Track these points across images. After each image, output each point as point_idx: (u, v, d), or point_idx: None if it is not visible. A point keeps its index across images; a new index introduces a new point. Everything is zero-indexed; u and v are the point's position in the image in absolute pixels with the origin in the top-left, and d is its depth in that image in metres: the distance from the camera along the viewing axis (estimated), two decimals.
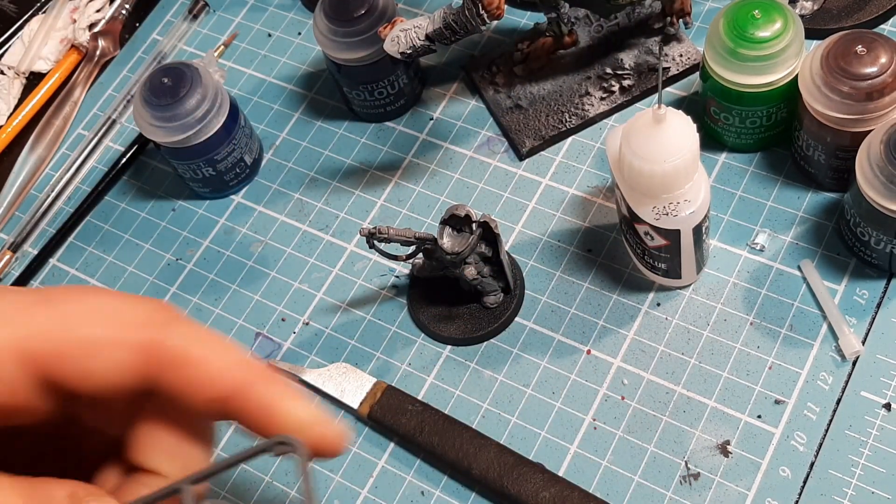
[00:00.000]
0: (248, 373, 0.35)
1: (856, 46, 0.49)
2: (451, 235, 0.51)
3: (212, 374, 0.34)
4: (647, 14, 0.62)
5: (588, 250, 0.57)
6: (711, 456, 0.49)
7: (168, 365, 0.34)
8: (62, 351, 0.33)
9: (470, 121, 0.63)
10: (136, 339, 0.33)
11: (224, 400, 0.34)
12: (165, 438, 0.35)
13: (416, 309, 0.56)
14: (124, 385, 0.34)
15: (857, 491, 0.47)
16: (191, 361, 0.34)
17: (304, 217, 0.62)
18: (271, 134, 0.66)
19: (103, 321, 0.34)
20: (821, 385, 0.50)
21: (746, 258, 0.54)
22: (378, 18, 0.58)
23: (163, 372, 0.34)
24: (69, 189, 0.67)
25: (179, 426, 0.35)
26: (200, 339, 0.34)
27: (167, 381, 0.34)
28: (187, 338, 0.34)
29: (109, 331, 0.33)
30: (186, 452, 0.35)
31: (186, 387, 0.34)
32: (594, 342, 0.54)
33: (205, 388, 0.34)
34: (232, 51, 0.71)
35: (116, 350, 0.33)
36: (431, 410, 0.52)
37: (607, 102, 0.61)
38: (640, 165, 0.45)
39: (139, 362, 0.34)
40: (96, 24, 0.75)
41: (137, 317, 0.34)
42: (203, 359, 0.34)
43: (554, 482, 0.49)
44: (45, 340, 0.33)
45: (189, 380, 0.34)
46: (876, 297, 0.52)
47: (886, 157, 0.46)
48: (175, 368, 0.34)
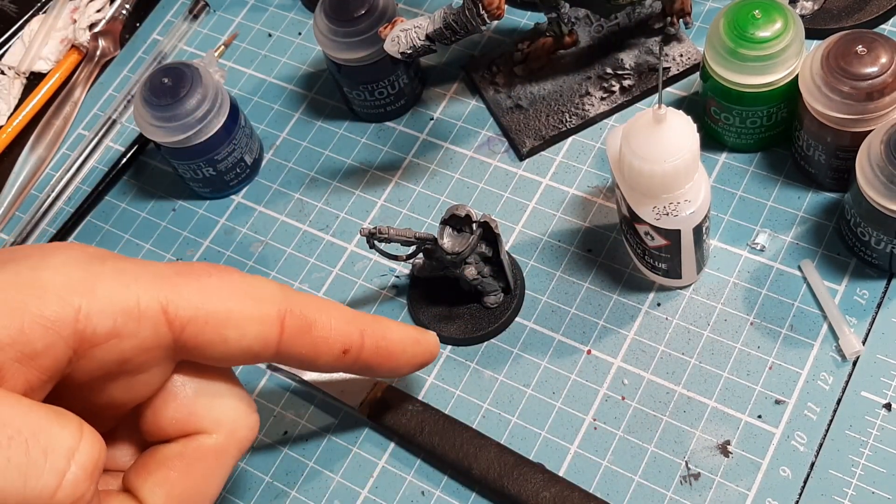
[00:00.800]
0: (359, 324, 0.42)
1: (856, 46, 0.49)
2: (451, 235, 0.51)
3: (332, 333, 0.41)
4: (647, 14, 0.62)
5: (588, 250, 0.57)
6: (712, 456, 0.49)
7: (296, 332, 0.39)
8: (203, 319, 0.37)
9: (470, 121, 0.63)
10: (269, 313, 0.39)
11: (344, 352, 0.41)
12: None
13: (416, 309, 0.56)
14: (252, 352, 0.39)
15: (858, 491, 0.47)
16: (315, 325, 0.40)
17: (304, 217, 0.62)
18: (271, 134, 0.66)
19: (241, 296, 0.39)
20: (821, 385, 0.50)
21: (747, 258, 0.54)
22: (378, 18, 0.58)
23: (291, 339, 0.39)
24: (69, 189, 0.67)
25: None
26: (319, 307, 0.41)
27: (296, 347, 0.40)
28: (308, 306, 0.40)
29: (245, 304, 0.38)
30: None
31: (312, 348, 0.40)
32: (594, 342, 0.54)
33: (329, 345, 0.40)
34: (232, 51, 0.71)
35: (254, 323, 0.38)
36: (431, 410, 0.52)
37: (607, 102, 0.61)
38: (640, 165, 0.45)
39: (273, 333, 0.39)
40: (96, 24, 0.75)
41: (266, 293, 0.39)
42: (324, 322, 0.40)
43: (554, 482, 0.49)
44: (189, 306, 0.37)
45: (315, 341, 0.40)
46: (876, 297, 0.52)
47: (887, 157, 0.46)
48: (302, 334, 0.40)
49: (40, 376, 0.34)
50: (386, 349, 0.43)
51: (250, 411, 0.41)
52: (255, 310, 0.38)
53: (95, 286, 0.35)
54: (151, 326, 0.36)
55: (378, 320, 0.44)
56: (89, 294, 0.35)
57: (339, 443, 0.54)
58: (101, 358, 0.36)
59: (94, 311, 0.35)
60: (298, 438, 0.54)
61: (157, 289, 0.37)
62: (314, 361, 0.41)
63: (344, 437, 0.54)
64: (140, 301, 0.36)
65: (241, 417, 0.40)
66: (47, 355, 0.34)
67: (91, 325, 0.35)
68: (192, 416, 0.39)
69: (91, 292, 0.35)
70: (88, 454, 0.33)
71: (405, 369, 0.46)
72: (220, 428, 0.39)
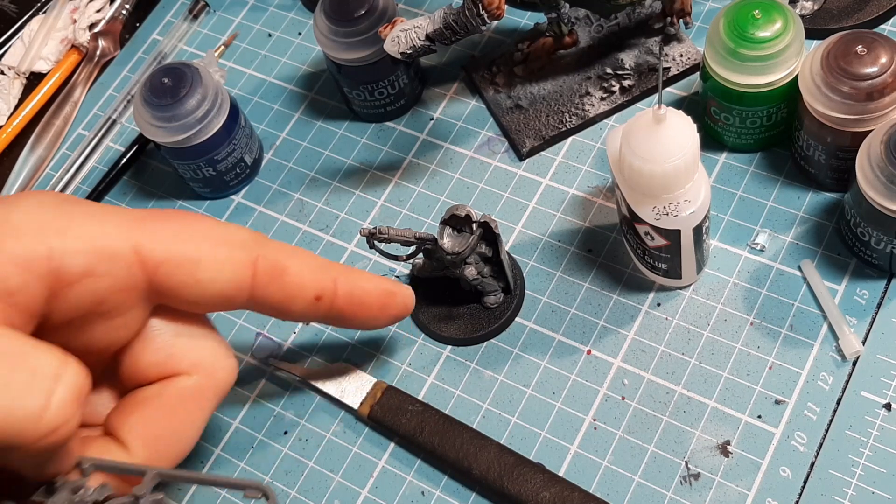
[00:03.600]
0: (332, 271, 0.42)
1: (856, 46, 0.49)
2: (451, 235, 0.51)
3: (304, 280, 0.41)
4: (647, 14, 0.62)
5: (588, 250, 0.57)
6: (712, 456, 0.49)
7: (268, 277, 0.40)
8: (175, 261, 0.38)
9: (470, 121, 0.63)
10: (241, 257, 0.39)
11: (317, 299, 0.41)
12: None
13: (416, 309, 0.56)
14: (225, 295, 0.39)
15: (858, 491, 0.47)
16: (287, 271, 0.40)
17: (304, 217, 0.62)
18: (271, 134, 0.66)
19: (214, 240, 0.39)
20: (821, 385, 0.50)
21: (747, 258, 0.54)
22: (378, 18, 0.58)
23: (264, 284, 0.39)
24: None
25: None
26: (292, 253, 0.41)
27: (269, 291, 0.40)
28: (281, 252, 0.40)
29: (218, 248, 0.39)
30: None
31: (285, 294, 0.40)
32: (594, 342, 0.54)
33: (301, 291, 0.41)
34: (232, 51, 0.71)
35: (226, 265, 0.38)
36: (432, 410, 0.52)
37: (607, 102, 0.61)
38: (640, 165, 0.45)
39: (246, 276, 0.39)
40: (96, 24, 0.75)
41: (239, 238, 0.40)
42: (297, 268, 0.40)
43: (554, 482, 0.49)
44: (161, 249, 0.37)
45: (287, 287, 0.40)
46: (876, 297, 0.52)
47: (887, 157, 0.46)
48: (274, 279, 0.40)
49: (19, 315, 0.34)
50: (359, 298, 0.43)
51: (228, 354, 0.41)
52: (227, 253, 0.39)
53: (68, 227, 0.36)
54: (125, 267, 0.36)
55: (351, 270, 0.44)
56: (62, 234, 0.36)
57: (339, 443, 0.54)
58: (77, 298, 0.36)
59: (67, 251, 0.35)
60: (298, 438, 0.54)
61: (130, 230, 0.37)
62: (288, 307, 0.41)
63: (344, 437, 0.54)
64: (113, 241, 0.36)
65: (218, 360, 0.40)
66: (23, 293, 0.34)
67: (64, 264, 0.35)
68: (170, 359, 0.39)
69: (64, 233, 0.36)
70: (73, 378, 0.33)
71: (379, 320, 0.46)
72: (198, 369, 0.40)
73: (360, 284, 0.43)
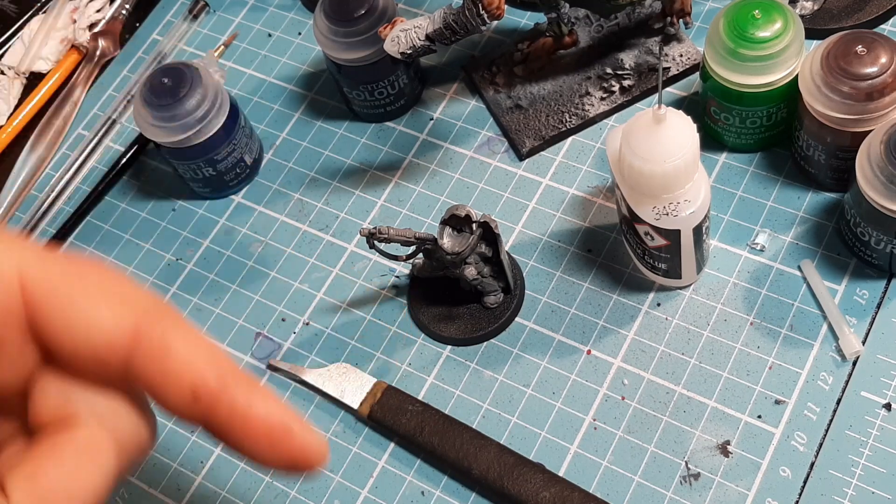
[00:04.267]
0: (224, 375, 0.35)
1: (856, 46, 0.49)
2: (451, 235, 0.51)
3: (185, 367, 0.35)
4: (647, 14, 0.62)
5: (588, 250, 0.57)
6: (711, 456, 0.49)
7: (148, 350, 0.35)
8: (58, 302, 0.34)
9: (470, 121, 0.63)
10: (127, 319, 0.35)
11: (193, 396, 0.35)
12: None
13: (416, 309, 0.56)
14: (99, 352, 0.35)
15: (858, 491, 0.47)
16: (169, 353, 0.35)
17: (304, 217, 0.62)
18: (271, 134, 0.66)
19: (103, 292, 0.35)
20: (821, 385, 0.50)
21: (746, 258, 0.54)
22: (378, 19, 0.58)
23: (143, 357, 0.35)
24: (69, 189, 0.67)
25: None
26: (183, 335, 0.35)
27: (144, 367, 0.35)
28: (173, 330, 0.35)
29: (106, 301, 0.35)
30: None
31: (160, 378, 0.35)
32: (594, 342, 0.54)
33: (177, 379, 0.35)
34: (232, 51, 0.71)
35: (108, 318, 0.34)
36: (431, 410, 0.52)
37: (607, 102, 0.61)
38: (640, 165, 0.45)
39: (124, 338, 0.34)
40: (96, 24, 0.75)
41: (136, 300, 0.35)
42: (181, 352, 0.35)
43: (554, 482, 0.49)
44: (48, 282, 0.34)
45: (164, 370, 0.35)
46: (876, 297, 0.52)
47: (887, 157, 0.46)
48: (154, 357, 0.35)
49: None
50: (243, 419, 0.35)
51: (138, 411, 0.36)
52: (112, 310, 0.35)
53: None
54: (3, 289, 0.34)
55: (248, 382, 0.36)
56: None
57: (339, 443, 0.54)
58: None
59: None
60: None
61: (22, 257, 0.34)
62: (163, 394, 0.35)
63: (344, 437, 0.54)
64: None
65: (122, 414, 0.36)
66: None
67: None
68: (67, 404, 0.35)
69: None
70: None
71: (268, 457, 0.36)
72: (99, 423, 0.35)
73: (251, 401, 0.35)
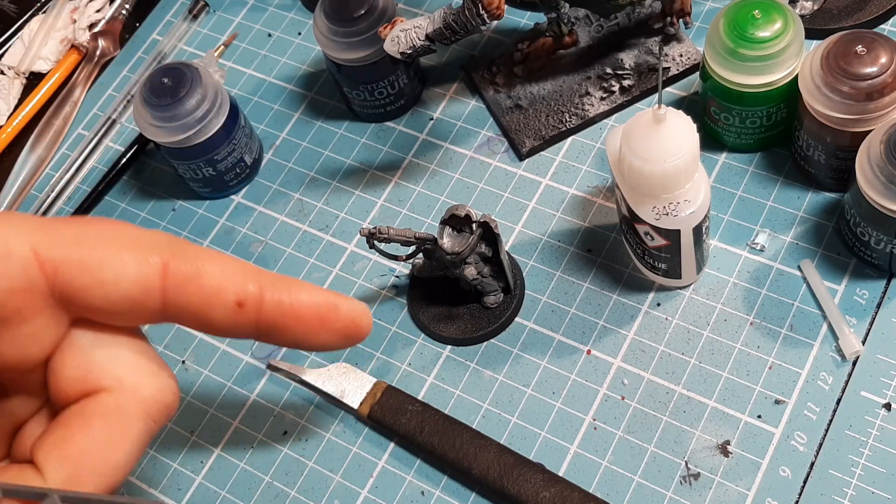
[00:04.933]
0: (255, 276, 0.37)
1: (856, 46, 0.49)
2: (451, 235, 0.51)
3: (223, 282, 0.36)
4: (647, 14, 0.62)
5: (588, 250, 0.57)
6: (711, 456, 0.49)
7: (182, 279, 0.36)
8: (76, 260, 0.35)
9: (470, 121, 0.63)
10: (151, 257, 0.36)
11: (239, 305, 0.37)
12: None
13: (416, 309, 0.56)
14: (132, 298, 0.35)
15: (858, 491, 0.47)
16: (203, 274, 0.36)
17: (304, 217, 0.62)
18: (271, 134, 0.66)
19: (119, 240, 0.36)
20: (821, 385, 0.50)
21: (746, 258, 0.54)
22: (378, 18, 0.58)
23: (178, 286, 0.36)
24: (69, 189, 0.67)
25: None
26: (210, 256, 0.37)
27: (183, 296, 0.36)
28: (198, 255, 0.37)
29: (125, 248, 0.36)
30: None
31: (202, 298, 0.36)
32: (594, 342, 0.54)
33: (220, 295, 0.36)
34: (232, 51, 0.71)
35: (131, 264, 0.35)
36: (431, 410, 0.52)
37: (607, 102, 0.61)
38: (640, 165, 0.45)
39: (155, 276, 0.35)
40: (96, 24, 0.75)
41: (151, 240, 0.36)
42: (213, 270, 0.36)
43: (554, 482, 0.49)
44: (62, 249, 0.35)
45: (204, 290, 0.36)
46: (876, 297, 0.52)
47: (886, 157, 0.46)
48: (189, 282, 0.36)
49: None
50: (291, 309, 0.38)
51: (160, 372, 0.37)
52: (134, 253, 0.35)
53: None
54: (21, 267, 0.34)
55: (282, 278, 0.38)
56: None
57: (339, 443, 0.54)
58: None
59: None
60: (298, 438, 0.54)
61: (30, 232, 0.35)
62: (208, 315, 0.37)
63: (344, 437, 0.54)
64: (9, 240, 0.34)
65: (145, 376, 0.37)
66: None
67: None
68: (89, 374, 0.36)
69: None
70: None
71: (321, 337, 0.39)
72: (121, 386, 0.36)
73: (294, 294, 0.38)
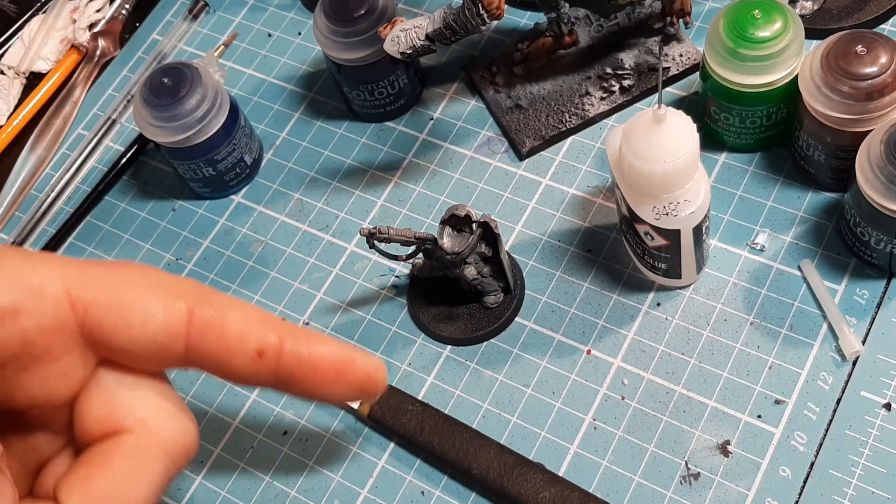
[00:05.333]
0: (276, 327, 0.38)
1: (856, 46, 0.49)
2: (451, 235, 0.51)
3: (245, 331, 0.38)
4: (647, 14, 0.62)
5: (588, 250, 0.57)
6: (711, 456, 0.49)
7: (206, 326, 0.37)
8: (106, 302, 0.36)
9: (470, 121, 0.63)
10: (178, 303, 0.37)
11: (259, 355, 0.38)
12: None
13: (416, 309, 0.56)
14: (159, 342, 0.37)
15: (858, 491, 0.47)
16: (227, 322, 0.37)
17: (304, 217, 0.62)
18: (271, 134, 0.66)
19: (148, 284, 0.37)
20: (821, 385, 0.50)
21: (746, 258, 0.54)
22: (378, 18, 0.58)
23: (202, 333, 0.37)
24: (69, 189, 0.67)
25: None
26: (234, 305, 0.38)
27: (206, 343, 0.37)
28: (223, 303, 0.38)
29: (154, 292, 0.37)
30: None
31: (224, 345, 0.37)
32: (594, 342, 0.54)
33: (241, 344, 0.38)
34: (232, 51, 0.71)
35: (159, 309, 0.37)
36: (431, 410, 0.52)
37: (607, 102, 0.61)
38: (640, 165, 0.45)
39: (181, 322, 0.37)
40: (96, 24, 0.75)
41: (179, 286, 0.38)
42: (236, 318, 0.38)
43: (554, 482, 0.49)
44: (93, 290, 0.36)
45: (226, 338, 0.37)
46: (876, 297, 0.52)
47: (886, 157, 0.46)
48: (212, 329, 0.37)
49: None
50: (309, 360, 0.39)
51: (181, 415, 0.38)
52: (161, 297, 0.37)
53: (0, 265, 0.35)
54: (52, 306, 0.35)
55: (303, 331, 0.40)
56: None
57: (339, 443, 0.54)
58: (3, 337, 0.34)
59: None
60: (298, 438, 0.54)
61: (63, 271, 0.36)
62: (229, 363, 0.38)
63: (344, 437, 0.54)
64: (43, 279, 0.35)
65: (167, 419, 0.38)
66: None
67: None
68: (113, 414, 0.37)
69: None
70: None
71: (337, 390, 0.40)
72: (143, 427, 0.37)
73: (313, 346, 0.39)
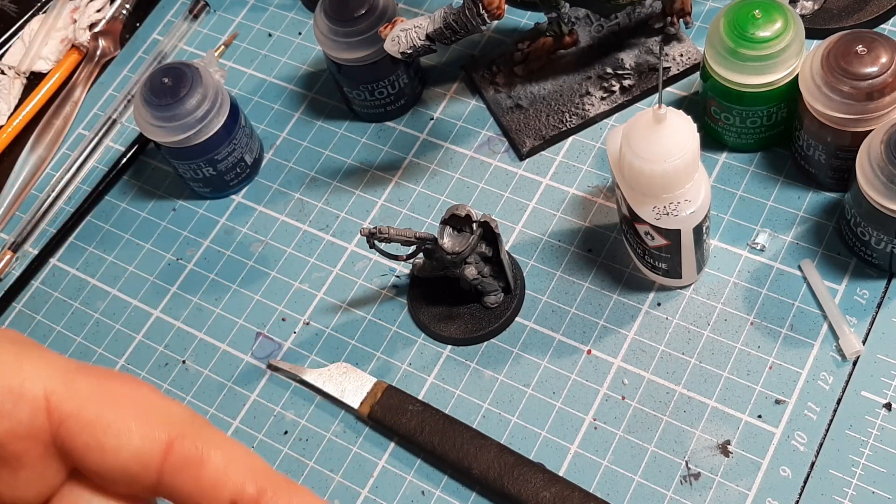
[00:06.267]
0: (260, 479, 0.35)
1: (856, 46, 0.49)
2: (451, 235, 0.51)
3: (223, 477, 0.34)
4: (647, 14, 0.62)
5: (588, 250, 0.57)
6: (712, 456, 0.49)
7: (182, 462, 0.34)
8: (84, 418, 0.34)
9: (470, 121, 0.63)
10: (159, 432, 0.34)
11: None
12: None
13: (416, 309, 0.56)
14: (130, 469, 0.34)
15: (858, 491, 0.47)
16: (205, 462, 0.34)
17: (304, 217, 0.62)
18: (271, 134, 0.66)
19: (134, 407, 0.35)
20: (821, 385, 0.50)
21: (747, 258, 0.54)
22: (378, 18, 0.58)
23: (176, 469, 0.34)
24: (69, 189, 0.67)
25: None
26: (219, 444, 0.35)
27: (179, 481, 0.34)
28: (208, 440, 0.35)
29: (137, 416, 0.34)
30: None
31: (196, 488, 0.34)
32: (594, 342, 0.54)
33: (215, 490, 0.34)
34: (232, 51, 0.71)
35: (137, 436, 0.34)
36: (432, 410, 0.52)
37: (607, 102, 0.61)
38: (640, 165, 0.45)
39: (156, 454, 0.34)
40: (97, 24, 0.75)
41: (167, 414, 0.35)
42: (218, 462, 0.34)
43: (554, 482, 0.49)
44: (74, 402, 0.34)
45: (201, 481, 0.34)
46: (876, 297, 0.52)
47: (887, 157, 0.46)
48: (189, 467, 0.34)
49: None
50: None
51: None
52: (144, 424, 0.35)
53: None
54: (29, 411, 0.34)
55: (287, 485, 0.36)
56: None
57: (339, 443, 0.54)
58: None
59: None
60: (298, 438, 0.54)
61: (49, 375, 0.34)
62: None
63: (344, 437, 0.54)
64: (25, 381, 0.34)
65: None
66: None
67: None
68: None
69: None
70: None
71: None
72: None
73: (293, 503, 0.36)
